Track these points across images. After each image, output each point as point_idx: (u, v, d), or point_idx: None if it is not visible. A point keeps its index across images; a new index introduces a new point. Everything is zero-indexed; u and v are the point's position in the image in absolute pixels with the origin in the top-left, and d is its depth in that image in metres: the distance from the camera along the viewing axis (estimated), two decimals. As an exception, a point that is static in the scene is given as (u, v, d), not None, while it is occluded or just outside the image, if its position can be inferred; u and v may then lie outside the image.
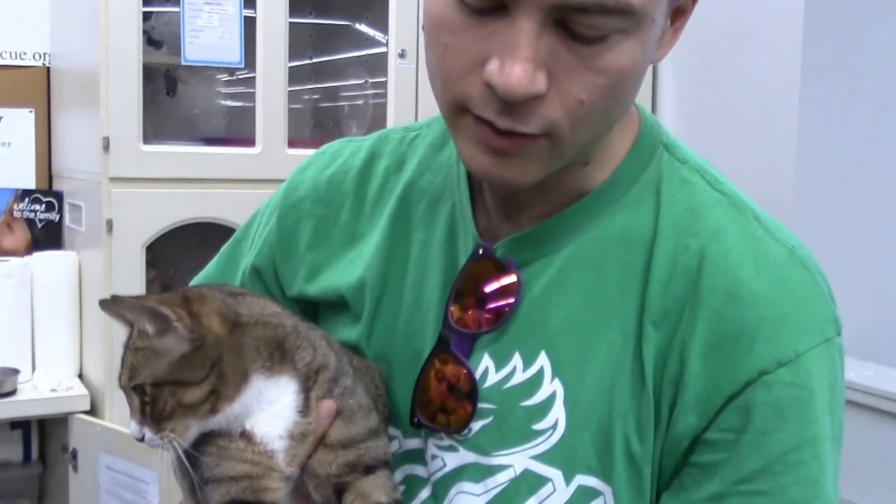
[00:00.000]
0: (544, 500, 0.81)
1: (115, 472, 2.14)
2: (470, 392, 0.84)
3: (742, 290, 0.78)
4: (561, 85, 0.72)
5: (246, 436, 0.79)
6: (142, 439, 0.79)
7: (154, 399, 0.78)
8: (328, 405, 0.82)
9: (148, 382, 0.78)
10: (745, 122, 2.35)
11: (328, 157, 1.03)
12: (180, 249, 2.43)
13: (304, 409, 0.81)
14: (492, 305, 0.85)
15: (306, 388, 0.81)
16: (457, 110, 0.77)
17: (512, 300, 0.84)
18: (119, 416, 2.22)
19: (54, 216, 2.51)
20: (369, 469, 0.81)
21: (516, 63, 0.70)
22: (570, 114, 0.73)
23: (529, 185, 0.79)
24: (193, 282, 1.12)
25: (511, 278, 0.85)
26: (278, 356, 0.81)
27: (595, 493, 0.80)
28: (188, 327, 0.78)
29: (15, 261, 2.33)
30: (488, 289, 0.86)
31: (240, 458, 0.79)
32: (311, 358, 0.83)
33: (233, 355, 0.79)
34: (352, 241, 0.97)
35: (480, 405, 0.84)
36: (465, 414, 0.84)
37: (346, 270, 0.95)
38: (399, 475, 0.88)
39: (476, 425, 0.84)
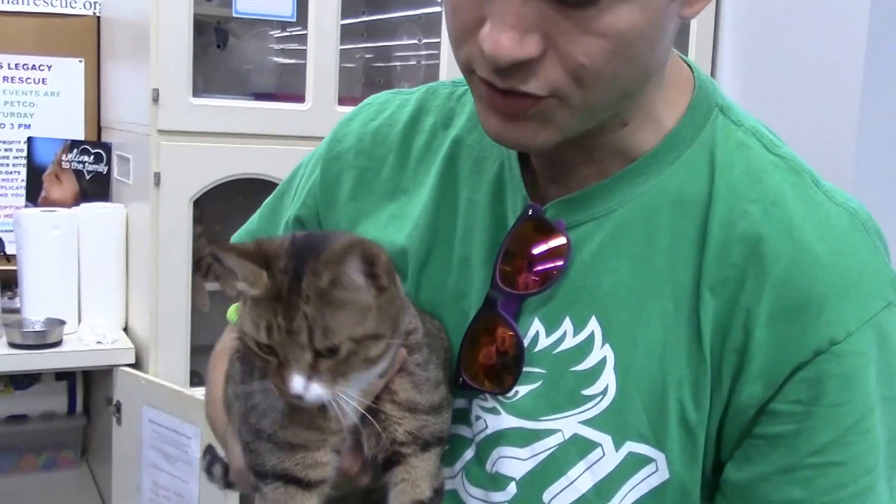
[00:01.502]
0: (593, 464, 0.81)
1: (157, 426, 2.15)
2: (516, 355, 0.83)
3: (806, 257, 0.78)
4: (559, 48, 0.71)
5: None
6: (299, 397, 0.74)
7: (346, 355, 0.74)
8: (401, 352, 0.81)
9: (349, 338, 0.74)
10: (807, 86, 2.30)
11: (374, 109, 1.03)
12: (227, 205, 2.42)
13: (385, 372, 0.80)
14: (540, 267, 0.85)
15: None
16: (467, 71, 0.78)
17: (561, 263, 0.83)
18: (163, 371, 2.23)
19: (102, 168, 2.50)
20: (427, 445, 0.80)
21: (504, 29, 0.70)
22: (573, 76, 0.73)
23: (546, 148, 0.79)
24: (237, 235, 1.12)
25: (560, 240, 0.84)
26: None
27: (646, 460, 0.80)
28: (386, 282, 0.76)
29: (62, 212, 2.33)
30: (537, 250, 0.85)
31: (307, 425, 0.78)
32: (408, 321, 0.81)
33: (398, 310, 0.79)
34: (393, 195, 0.97)
35: (530, 369, 0.84)
36: (510, 376, 0.84)
37: (388, 227, 0.95)
38: None
39: (523, 389, 0.84)
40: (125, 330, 2.41)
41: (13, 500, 2.52)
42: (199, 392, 2.09)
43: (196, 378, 2.28)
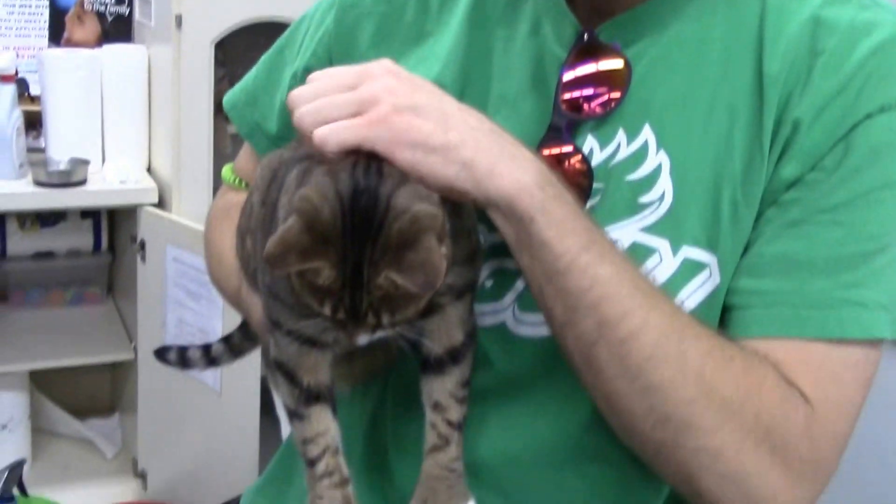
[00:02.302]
0: (650, 271, 0.81)
1: (182, 265, 2.21)
2: (585, 173, 0.83)
3: (855, 42, 0.80)
4: None
5: None
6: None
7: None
8: None
9: (415, 311, 0.72)
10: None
11: None
12: (250, 49, 2.41)
13: None
14: (599, 90, 0.84)
15: None
16: None
17: (618, 94, 0.83)
18: (186, 211, 2.27)
19: (124, 10, 2.49)
20: (461, 294, 0.79)
21: None
22: None
23: None
24: (232, 94, 1.08)
25: (617, 62, 0.84)
26: None
27: (700, 266, 0.81)
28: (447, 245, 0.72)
29: (85, 52, 2.33)
30: (595, 69, 0.84)
31: None
32: None
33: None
34: (418, 40, 0.95)
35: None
36: (580, 196, 0.82)
37: (416, 69, 0.92)
38: (486, 269, 0.88)
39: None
40: (148, 170, 2.44)
41: (42, 333, 2.60)
42: (223, 232, 2.13)
43: (218, 219, 2.32)
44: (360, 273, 0.68)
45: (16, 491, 2.23)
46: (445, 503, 0.80)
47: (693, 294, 0.82)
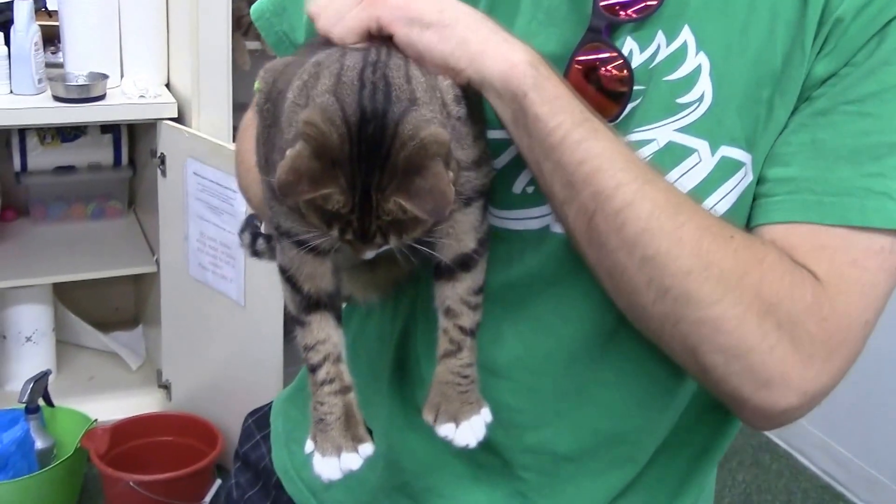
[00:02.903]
0: (688, 171, 0.81)
1: (202, 179, 2.22)
2: (623, 79, 0.82)
3: None
4: None
5: None
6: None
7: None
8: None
9: (423, 231, 0.72)
10: None
11: None
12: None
13: None
14: None
15: None
16: None
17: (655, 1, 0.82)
18: (205, 125, 2.28)
19: (141, -81, 2.45)
20: (469, 200, 0.78)
21: None
22: None
23: None
24: (259, 3, 1.03)
25: None
26: None
27: (738, 165, 0.81)
28: (454, 168, 0.73)
29: (101, -35, 2.31)
30: None
31: None
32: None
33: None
34: None
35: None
36: (616, 103, 0.82)
37: None
38: (527, 176, 0.86)
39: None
40: (167, 86, 2.43)
41: (64, 247, 2.63)
42: (242, 147, 2.12)
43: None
44: (369, 198, 0.68)
45: (41, 402, 2.28)
46: (457, 409, 0.81)
47: (728, 194, 0.81)
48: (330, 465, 0.78)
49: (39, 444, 2.23)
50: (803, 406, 0.77)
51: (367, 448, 0.79)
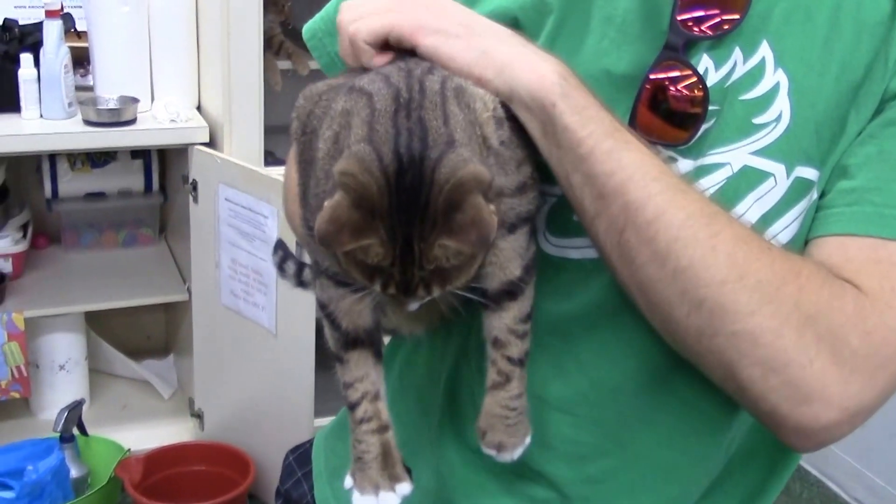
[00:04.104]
0: (763, 195, 0.78)
1: (233, 204, 2.18)
2: (695, 100, 0.80)
3: None
4: None
5: None
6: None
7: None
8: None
9: (466, 280, 0.71)
10: None
11: None
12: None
13: None
14: (711, 12, 0.80)
15: None
16: None
17: (737, 16, 0.79)
18: (238, 150, 2.25)
19: (171, -59, 2.43)
20: (513, 227, 0.76)
21: None
22: None
23: None
24: (312, 23, 1.02)
25: None
26: None
27: (808, 185, 0.78)
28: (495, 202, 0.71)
29: (131, -14, 2.28)
30: None
31: None
32: None
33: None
34: None
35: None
36: (691, 124, 0.80)
37: None
38: None
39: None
40: (198, 109, 2.41)
41: (96, 275, 2.60)
42: (274, 171, 2.10)
43: (270, 157, 2.28)
44: (411, 248, 0.67)
45: (75, 431, 2.25)
46: (502, 440, 0.80)
47: (799, 216, 0.78)
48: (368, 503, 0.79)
49: (74, 472, 2.22)
50: (844, 423, 0.73)
51: (404, 487, 0.79)
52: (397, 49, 0.77)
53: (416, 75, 0.73)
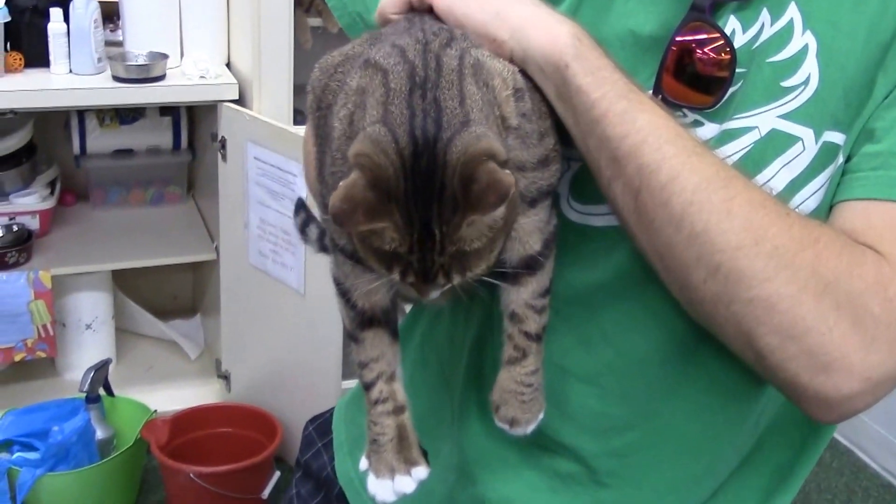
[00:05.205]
0: (791, 160, 0.76)
1: (262, 163, 2.15)
2: (722, 63, 0.78)
3: None
4: None
5: None
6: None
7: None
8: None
9: (487, 265, 0.69)
10: None
11: None
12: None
13: None
14: None
15: None
16: None
17: None
18: (267, 108, 2.21)
19: None
20: (534, 202, 0.74)
21: None
22: None
23: None
24: None
25: None
26: None
27: (835, 149, 0.76)
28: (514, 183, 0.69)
29: (161, -58, 2.25)
30: None
31: None
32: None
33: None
34: None
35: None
36: (719, 86, 0.78)
37: None
38: None
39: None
40: (227, 66, 2.37)
41: (123, 233, 2.59)
42: (303, 130, 2.06)
43: (299, 116, 2.25)
44: (430, 233, 0.66)
45: (101, 391, 2.24)
46: (515, 415, 0.79)
47: (824, 184, 0.77)
48: (383, 488, 0.77)
49: (100, 433, 2.21)
50: (867, 394, 0.71)
51: (420, 471, 0.78)
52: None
53: (433, 49, 0.70)
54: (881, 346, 0.70)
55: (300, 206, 1.10)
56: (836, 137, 0.76)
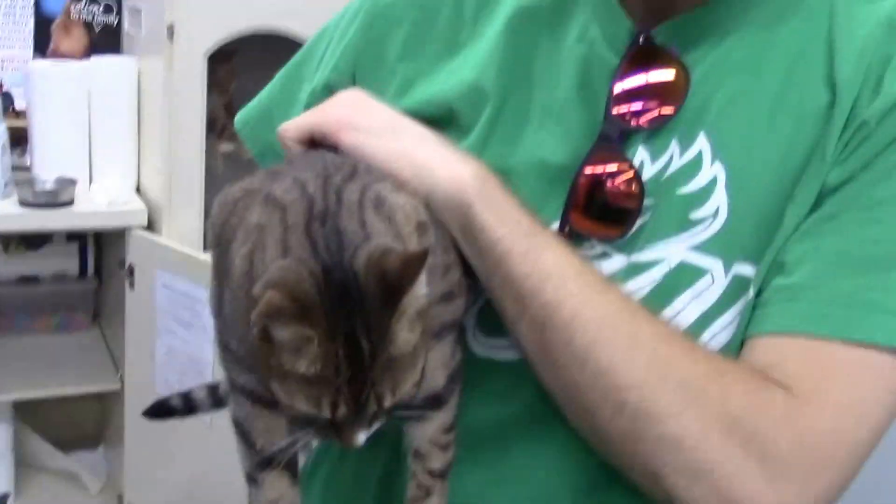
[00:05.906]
0: (701, 293, 0.76)
1: (171, 291, 2.11)
2: (632, 194, 0.78)
3: None
4: None
5: None
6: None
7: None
8: None
9: (414, 382, 0.67)
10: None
11: None
12: (245, 62, 2.33)
13: None
14: (649, 105, 0.79)
15: None
16: None
17: (670, 110, 0.78)
18: (177, 234, 2.18)
19: (112, 19, 2.41)
20: (438, 335, 0.74)
21: None
22: None
23: None
24: (245, 112, 1.02)
25: (670, 73, 0.79)
26: None
27: (746, 283, 0.76)
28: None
29: (73, 64, 2.25)
30: (651, 80, 0.79)
31: None
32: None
33: None
34: (451, 52, 0.89)
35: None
36: (629, 217, 0.78)
37: (451, 78, 0.87)
38: None
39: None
40: (137, 191, 2.34)
41: (26, 361, 2.50)
42: (214, 257, 2.04)
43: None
44: (357, 347, 0.62)
45: (-4, 528, 2.13)
46: None
47: (734, 319, 0.76)
48: None
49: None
50: None
51: None
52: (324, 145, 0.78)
53: (334, 182, 0.69)
54: (792, 483, 0.69)
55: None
56: (747, 270, 0.76)
